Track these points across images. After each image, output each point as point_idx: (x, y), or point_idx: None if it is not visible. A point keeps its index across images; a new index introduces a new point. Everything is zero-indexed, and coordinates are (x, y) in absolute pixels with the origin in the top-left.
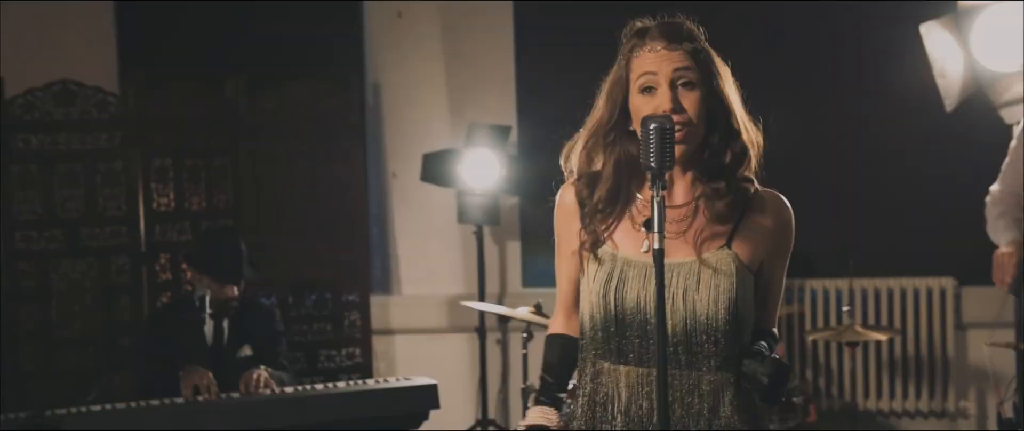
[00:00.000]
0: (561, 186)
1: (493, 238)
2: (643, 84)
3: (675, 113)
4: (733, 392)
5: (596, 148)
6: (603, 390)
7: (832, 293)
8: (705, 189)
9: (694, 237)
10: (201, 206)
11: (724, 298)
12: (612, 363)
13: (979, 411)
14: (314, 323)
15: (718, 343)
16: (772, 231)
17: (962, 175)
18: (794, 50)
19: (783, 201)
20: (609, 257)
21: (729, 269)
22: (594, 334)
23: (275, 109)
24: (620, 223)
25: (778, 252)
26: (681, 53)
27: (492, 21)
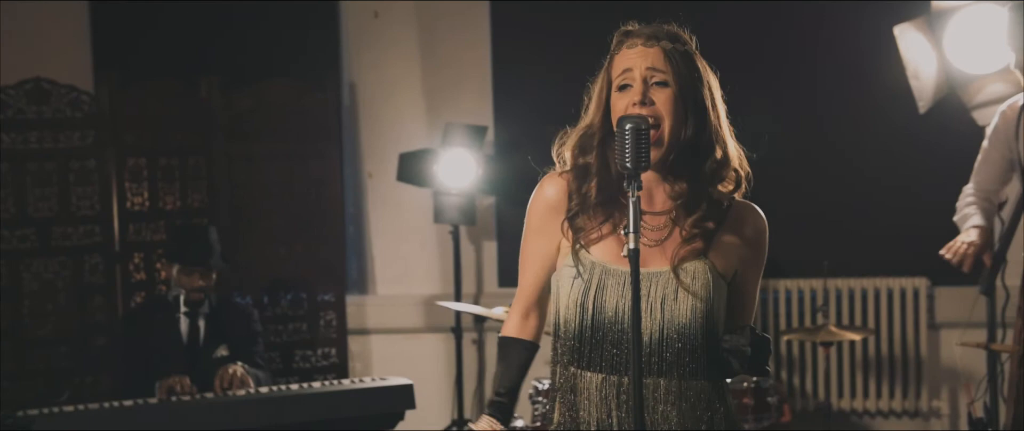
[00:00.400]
0: (544, 175)
1: (469, 238)
2: (621, 82)
3: (644, 106)
4: (708, 399)
5: (586, 146)
6: (579, 396)
7: (806, 293)
8: (684, 199)
9: (672, 247)
10: (175, 206)
11: (701, 307)
12: (588, 370)
13: (952, 410)
14: (289, 323)
15: (694, 352)
16: (747, 241)
17: (935, 176)
18: (768, 52)
19: (758, 211)
20: (589, 264)
21: (705, 280)
22: (570, 341)
23: (251, 109)
24: (603, 228)
25: (752, 262)
26: (657, 51)
27: (468, 21)
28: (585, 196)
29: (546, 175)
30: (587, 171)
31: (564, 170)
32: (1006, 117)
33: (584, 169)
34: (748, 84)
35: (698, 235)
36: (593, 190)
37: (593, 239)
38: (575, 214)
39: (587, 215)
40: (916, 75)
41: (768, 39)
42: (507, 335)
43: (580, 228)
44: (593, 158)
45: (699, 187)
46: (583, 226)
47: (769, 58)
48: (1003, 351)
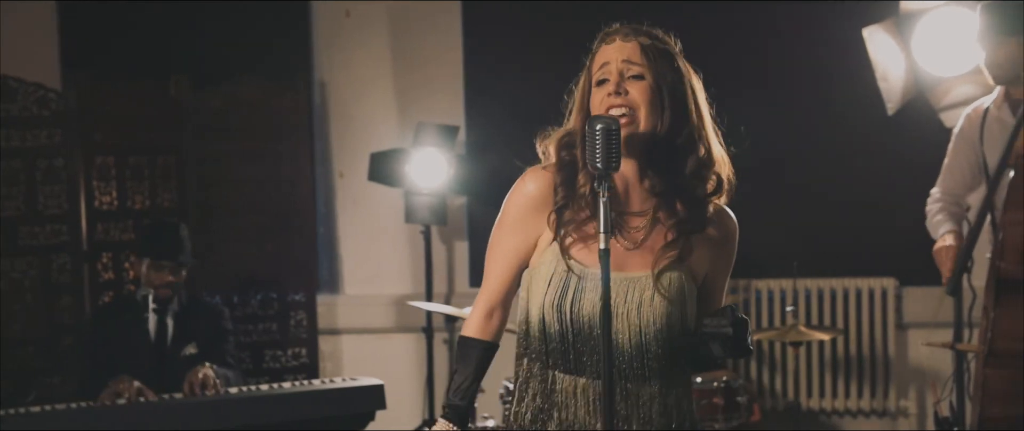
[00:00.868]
0: (527, 169)
1: (440, 238)
2: (599, 77)
3: (617, 96)
4: (680, 404)
5: (571, 143)
6: (552, 400)
7: (776, 293)
8: (664, 198)
9: (650, 251)
10: (144, 205)
11: (676, 313)
12: (565, 374)
13: (919, 410)
14: (260, 323)
15: (669, 356)
16: (719, 244)
17: (903, 177)
18: (737, 52)
19: (730, 214)
20: (566, 265)
21: (680, 285)
22: (543, 342)
23: (221, 108)
24: (586, 227)
25: (723, 264)
26: (634, 45)
27: (440, 21)
28: (574, 190)
29: (529, 169)
30: (574, 167)
31: (547, 165)
32: (971, 120)
33: (570, 165)
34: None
35: (679, 240)
36: (585, 184)
37: (575, 240)
38: (563, 206)
39: (574, 210)
40: (885, 77)
41: (737, 40)
42: (468, 335)
43: (566, 222)
44: (578, 154)
45: (680, 187)
46: (569, 220)
47: (739, 59)
48: (969, 351)
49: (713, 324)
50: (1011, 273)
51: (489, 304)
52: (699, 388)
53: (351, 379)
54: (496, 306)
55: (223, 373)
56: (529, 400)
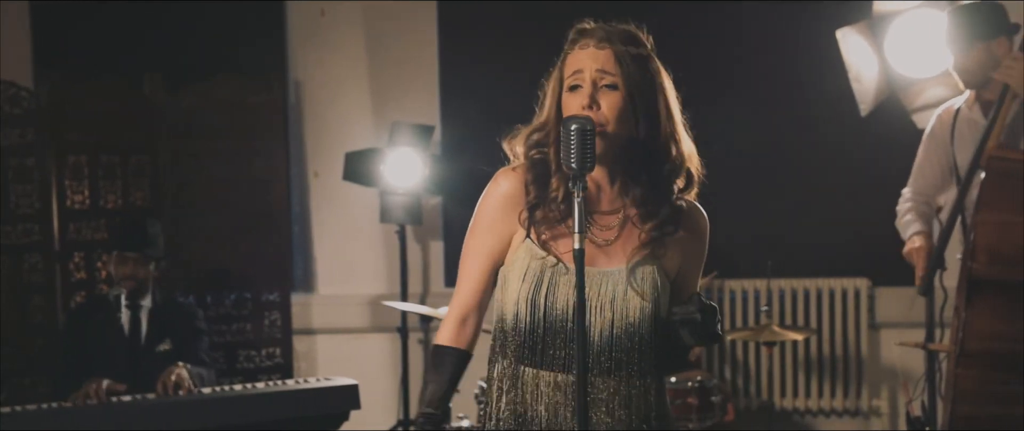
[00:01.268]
0: (499, 171)
1: (415, 238)
2: (571, 82)
3: (590, 109)
4: (654, 399)
5: (541, 141)
6: (527, 395)
7: (750, 293)
8: (636, 204)
9: (623, 247)
10: (117, 204)
11: (649, 306)
12: (537, 369)
13: (891, 409)
14: (233, 323)
15: (642, 350)
16: (690, 240)
17: (876, 178)
18: (711, 53)
19: (701, 210)
20: (540, 259)
21: (654, 279)
22: (519, 338)
23: (195, 106)
24: (557, 224)
25: (695, 259)
26: (608, 53)
27: (416, 21)
28: (545, 190)
29: (500, 171)
30: (545, 165)
31: (517, 165)
32: (942, 121)
33: (541, 163)
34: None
35: (654, 240)
36: (558, 185)
37: (548, 237)
38: (535, 205)
39: (546, 208)
40: (858, 78)
41: (712, 41)
42: (442, 344)
43: (539, 220)
44: (550, 153)
45: (658, 191)
46: (542, 218)
47: (713, 60)
48: (940, 350)
49: (682, 311)
50: (982, 273)
51: (462, 310)
52: (673, 388)
53: (325, 379)
54: (470, 311)
55: (197, 372)
56: (502, 397)
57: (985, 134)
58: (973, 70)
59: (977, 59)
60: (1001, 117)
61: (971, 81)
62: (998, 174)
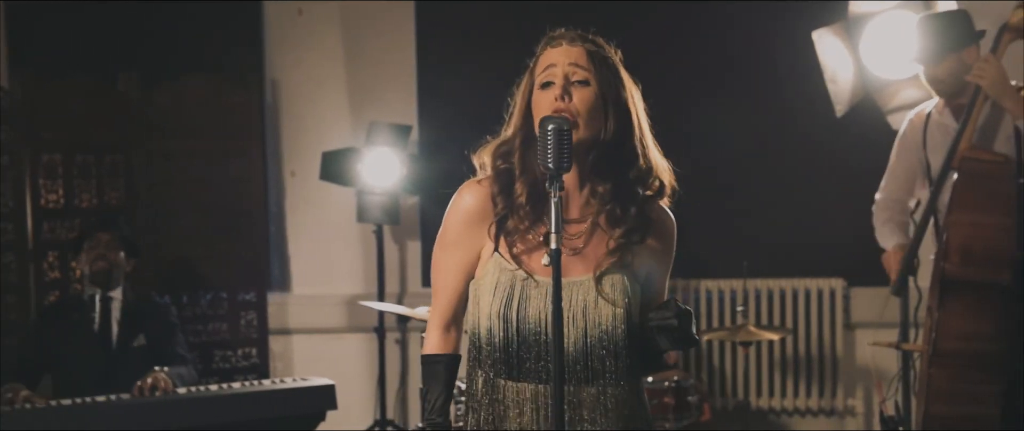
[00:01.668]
0: (463, 184)
1: (393, 237)
2: (543, 79)
3: (562, 101)
4: (632, 404)
5: (508, 151)
6: (506, 408)
7: (726, 294)
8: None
9: (593, 256)
10: (91, 203)
11: (622, 313)
12: (517, 381)
13: (866, 409)
14: (209, 323)
15: (617, 357)
16: (659, 244)
17: (851, 179)
18: (687, 53)
19: (667, 212)
20: (509, 273)
21: (624, 286)
22: (492, 351)
23: (171, 105)
24: (528, 236)
25: (663, 261)
26: (580, 50)
27: (393, 21)
28: (513, 199)
29: (465, 184)
30: (510, 175)
31: (483, 177)
32: (913, 124)
33: (507, 173)
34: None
35: (622, 247)
36: (522, 192)
37: (517, 248)
38: (504, 217)
39: (515, 219)
40: (833, 79)
41: (687, 43)
42: (432, 353)
43: (508, 232)
44: (515, 161)
45: (625, 196)
46: (511, 229)
47: (689, 59)
48: (913, 350)
49: (658, 317)
50: (955, 273)
51: (444, 321)
52: (650, 388)
53: (302, 379)
54: (451, 322)
55: (177, 372)
56: (480, 410)
57: (957, 136)
58: (945, 80)
59: (949, 69)
60: (973, 119)
61: (944, 91)
62: (970, 175)
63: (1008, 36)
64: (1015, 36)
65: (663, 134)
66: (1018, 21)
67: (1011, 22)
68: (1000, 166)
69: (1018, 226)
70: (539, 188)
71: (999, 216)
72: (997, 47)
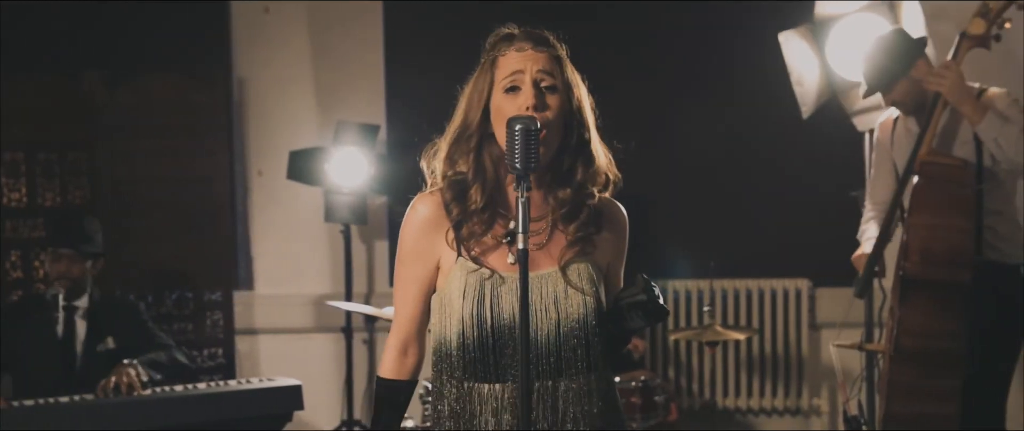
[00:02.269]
0: (415, 197)
1: (361, 237)
2: (509, 83)
3: (537, 111)
4: (604, 394)
5: (459, 152)
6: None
7: (694, 294)
8: (560, 207)
9: (556, 249)
10: (55, 202)
11: (591, 301)
12: (488, 382)
13: (831, 408)
14: (175, 322)
15: (589, 347)
16: (614, 236)
17: (817, 180)
18: (655, 54)
19: (619, 206)
20: (476, 274)
21: (590, 274)
22: (465, 355)
23: (136, 104)
24: (486, 237)
25: (619, 254)
26: (547, 56)
27: (361, 20)
28: (467, 204)
29: (417, 196)
30: (463, 181)
31: (434, 188)
32: (883, 129)
33: (459, 181)
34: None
35: (576, 235)
36: (477, 196)
37: (477, 251)
38: (460, 222)
39: (471, 223)
40: (799, 81)
41: (656, 41)
42: (387, 377)
43: (466, 237)
44: (469, 164)
45: (579, 193)
46: (468, 234)
47: (656, 61)
48: (876, 350)
49: (627, 295)
50: (915, 273)
51: (403, 340)
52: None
53: (268, 379)
54: (410, 341)
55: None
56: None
57: (918, 140)
58: (904, 101)
59: (903, 92)
60: (933, 124)
61: (907, 109)
62: (930, 178)
63: (967, 44)
64: (973, 44)
65: (630, 135)
66: (977, 30)
67: (970, 31)
68: (960, 170)
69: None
70: (492, 189)
71: (958, 219)
72: (956, 55)
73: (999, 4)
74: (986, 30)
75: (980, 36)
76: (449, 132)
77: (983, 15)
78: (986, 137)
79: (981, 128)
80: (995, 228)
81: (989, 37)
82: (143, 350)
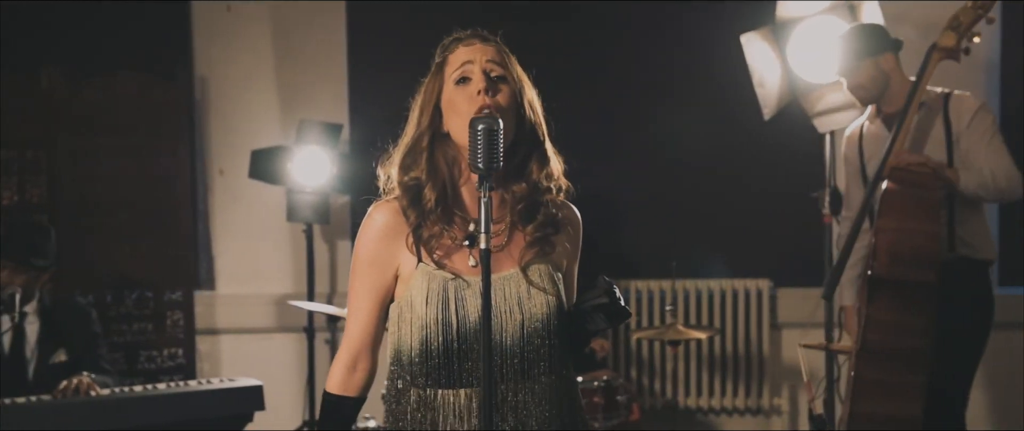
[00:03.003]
0: (371, 206)
1: (323, 237)
2: (459, 75)
3: (488, 95)
4: (569, 393)
5: (412, 156)
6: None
7: (656, 294)
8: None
9: (515, 251)
10: (12, 200)
11: (554, 300)
12: (452, 388)
13: (791, 408)
14: (134, 322)
15: (552, 346)
16: (570, 237)
17: (779, 181)
18: (617, 55)
19: (573, 208)
20: (439, 278)
21: (550, 274)
22: (430, 361)
23: (96, 101)
24: (443, 240)
25: (574, 255)
26: (495, 49)
27: (324, 19)
28: (423, 207)
29: (373, 205)
30: (417, 185)
31: (390, 197)
32: (850, 142)
33: (414, 186)
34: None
35: (540, 239)
36: (430, 195)
37: (439, 253)
38: (419, 225)
39: (429, 225)
40: (761, 83)
41: (619, 42)
42: (334, 392)
43: (426, 240)
44: (422, 167)
45: (535, 195)
46: (428, 237)
47: (620, 62)
48: (842, 351)
49: (589, 297)
50: (882, 273)
51: (353, 355)
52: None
53: (229, 380)
54: (360, 355)
55: (102, 380)
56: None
57: (889, 146)
58: (866, 85)
59: (868, 74)
60: (904, 131)
61: (867, 97)
62: (900, 183)
63: (937, 56)
64: (944, 56)
65: (593, 136)
66: (947, 42)
67: (940, 43)
68: (928, 176)
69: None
70: (447, 188)
71: (925, 222)
72: (926, 66)
73: (970, 18)
74: (956, 43)
75: (950, 48)
76: (403, 139)
77: (954, 28)
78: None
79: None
80: (966, 225)
81: (959, 50)
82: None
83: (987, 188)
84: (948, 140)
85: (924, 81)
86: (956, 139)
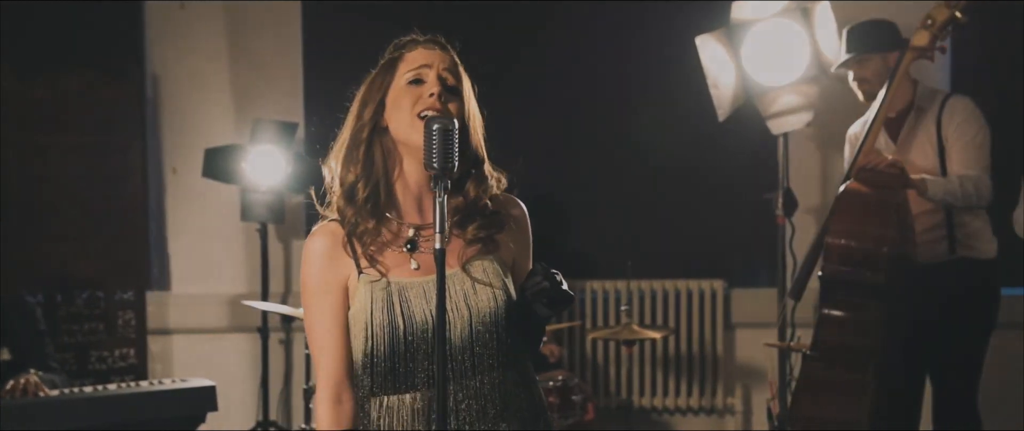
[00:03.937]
0: (311, 232)
1: (277, 236)
2: (413, 76)
3: (441, 101)
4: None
5: (353, 150)
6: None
7: (611, 294)
8: (453, 215)
9: (456, 249)
10: None
11: (501, 294)
12: (402, 393)
13: (745, 407)
14: (85, 322)
15: (501, 340)
16: (516, 231)
17: (733, 182)
18: (571, 56)
19: (516, 201)
20: (382, 284)
21: (495, 269)
22: (376, 367)
23: (45, 98)
24: (382, 250)
25: (525, 248)
26: (451, 58)
27: (279, 18)
28: (357, 204)
29: (311, 232)
30: (354, 183)
31: (329, 219)
32: (852, 144)
33: (352, 184)
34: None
35: (482, 239)
36: (361, 190)
37: (380, 259)
38: (355, 224)
39: (363, 225)
40: (715, 84)
41: (573, 43)
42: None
43: (360, 236)
44: (359, 162)
45: (471, 206)
46: (364, 240)
47: (574, 62)
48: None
49: (530, 285)
50: (832, 273)
51: (334, 388)
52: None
53: (181, 380)
54: (342, 387)
55: (49, 379)
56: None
57: (861, 144)
58: (870, 79)
59: (874, 69)
60: (873, 134)
61: (870, 91)
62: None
63: (911, 55)
64: (917, 55)
65: (547, 136)
66: (921, 41)
67: (914, 42)
68: (896, 177)
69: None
70: (379, 184)
71: (878, 226)
72: (899, 65)
73: (943, 17)
74: (929, 42)
75: (924, 47)
76: (342, 131)
77: (927, 27)
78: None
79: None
80: (966, 226)
81: (932, 49)
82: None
83: (955, 195)
84: (938, 144)
85: (897, 80)
86: (945, 143)
